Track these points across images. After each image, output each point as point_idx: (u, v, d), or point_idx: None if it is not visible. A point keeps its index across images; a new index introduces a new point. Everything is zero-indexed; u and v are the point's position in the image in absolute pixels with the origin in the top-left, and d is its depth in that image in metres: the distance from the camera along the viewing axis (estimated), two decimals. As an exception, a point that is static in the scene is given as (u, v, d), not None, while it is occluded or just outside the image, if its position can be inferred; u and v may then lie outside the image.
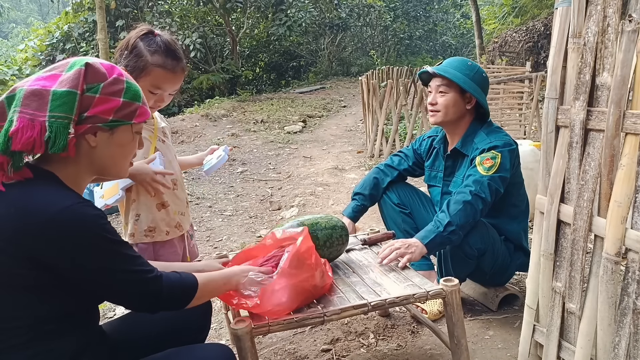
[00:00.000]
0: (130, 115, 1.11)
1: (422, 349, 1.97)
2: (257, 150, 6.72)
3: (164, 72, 1.58)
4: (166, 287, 1.12)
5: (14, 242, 0.97)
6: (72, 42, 11.86)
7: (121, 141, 1.13)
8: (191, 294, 1.19)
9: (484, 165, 1.95)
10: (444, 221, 1.85)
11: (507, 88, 6.65)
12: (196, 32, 12.73)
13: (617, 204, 1.27)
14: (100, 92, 1.06)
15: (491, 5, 15.05)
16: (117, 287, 1.07)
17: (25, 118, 1.00)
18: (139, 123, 1.14)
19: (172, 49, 1.59)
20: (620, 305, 1.30)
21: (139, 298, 1.11)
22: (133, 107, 1.11)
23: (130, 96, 1.11)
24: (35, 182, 1.03)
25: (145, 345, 1.31)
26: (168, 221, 1.74)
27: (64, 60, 1.09)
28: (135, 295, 1.10)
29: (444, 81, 2.08)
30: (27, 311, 1.02)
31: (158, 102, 1.65)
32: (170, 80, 1.61)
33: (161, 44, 1.58)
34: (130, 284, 1.08)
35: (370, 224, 3.30)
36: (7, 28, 28.44)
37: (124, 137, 1.13)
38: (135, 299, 1.11)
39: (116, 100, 1.08)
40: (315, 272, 1.42)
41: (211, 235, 3.69)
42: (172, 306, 1.17)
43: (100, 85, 1.06)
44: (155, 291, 1.11)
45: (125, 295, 1.10)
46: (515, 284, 2.40)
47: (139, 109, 1.13)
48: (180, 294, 1.17)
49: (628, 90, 1.25)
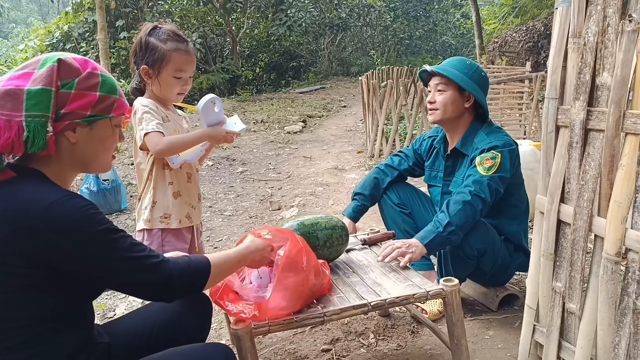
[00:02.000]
0: (108, 108, 1.10)
1: (422, 349, 1.97)
2: (257, 150, 6.72)
3: (180, 55, 1.70)
4: (175, 272, 1.10)
5: (8, 242, 0.97)
6: (72, 42, 11.85)
7: (101, 136, 1.11)
8: (204, 276, 1.17)
9: (484, 165, 1.95)
10: (444, 221, 1.85)
11: (507, 88, 6.65)
12: (196, 32, 12.75)
13: (617, 204, 1.27)
14: (76, 88, 1.05)
15: (491, 5, 15.05)
16: (120, 276, 1.06)
17: (1, 119, 0.99)
18: (117, 116, 1.13)
19: (178, 34, 1.73)
20: (620, 305, 1.30)
21: (148, 286, 1.09)
22: (110, 101, 1.10)
23: (107, 89, 1.09)
24: (21, 181, 1.02)
25: (145, 345, 1.31)
26: (181, 210, 1.81)
27: (35, 57, 1.07)
28: (144, 283, 1.08)
29: (442, 79, 2.09)
30: (24, 311, 1.01)
31: (184, 86, 1.76)
32: (188, 61, 1.73)
33: (168, 32, 1.71)
34: (132, 272, 1.06)
35: (370, 224, 3.30)
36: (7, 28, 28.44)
37: (103, 131, 1.12)
38: (145, 287, 1.10)
39: (92, 94, 1.07)
40: (309, 274, 1.41)
41: (211, 235, 3.69)
42: (187, 290, 1.15)
43: (75, 81, 1.05)
44: (163, 277, 1.08)
45: (133, 285, 1.09)
46: (515, 284, 2.40)
47: (116, 102, 1.12)
48: (192, 277, 1.15)
49: (628, 90, 1.25)
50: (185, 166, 1.82)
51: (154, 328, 1.34)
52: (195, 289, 1.17)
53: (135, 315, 1.41)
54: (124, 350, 1.27)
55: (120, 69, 11.32)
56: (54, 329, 1.06)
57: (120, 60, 11.31)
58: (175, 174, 1.80)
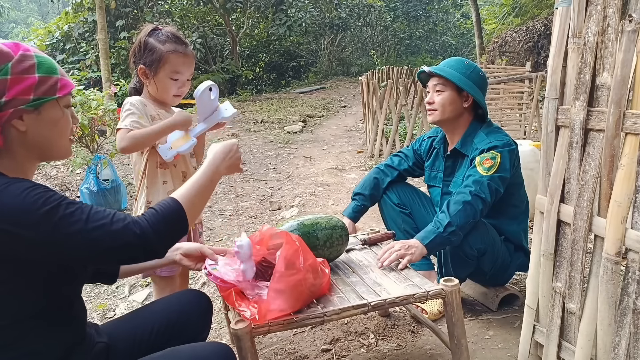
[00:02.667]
0: (52, 89, 1.05)
1: (422, 349, 1.97)
2: (257, 150, 6.72)
3: (177, 56, 1.70)
4: (147, 227, 1.04)
5: None
6: (72, 42, 11.86)
7: (51, 119, 1.06)
8: (180, 217, 1.10)
9: (484, 165, 1.95)
10: (444, 222, 1.85)
11: (507, 88, 6.65)
12: (196, 32, 12.76)
13: (617, 204, 1.27)
14: (11, 73, 0.99)
15: (491, 5, 15.05)
16: (90, 249, 0.99)
17: None
18: (64, 96, 1.08)
19: (178, 36, 1.73)
20: (620, 305, 1.30)
21: (126, 251, 1.02)
22: (52, 81, 1.05)
23: (45, 70, 1.04)
24: None
25: (144, 345, 1.31)
26: None
27: None
28: (120, 249, 1.01)
29: (440, 80, 2.09)
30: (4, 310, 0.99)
31: (181, 87, 1.76)
32: (185, 63, 1.73)
33: (168, 34, 1.72)
34: (101, 242, 0.99)
35: (370, 224, 3.30)
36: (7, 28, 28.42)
37: (53, 114, 1.06)
38: (123, 252, 1.02)
39: (31, 77, 1.02)
40: (306, 273, 1.41)
41: (211, 235, 3.69)
42: (170, 238, 1.09)
43: (8, 66, 1.00)
44: (137, 237, 1.02)
45: (110, 254, 1.02)
46: (515, 284, 2.40)
47: (60, 82, 1.06)
48: (168, 225, 1.08)
49: (628, 90, 1.25)
50: (181, 165, 1.81)
51: (154, 328, 1.34)
52: (178, 233, 1.11)
53: (135, 315, 1.41)
54: (123, 351, 1.27)
55: (120, 69, 11.32)
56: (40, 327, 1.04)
57: (120, 60, 11.31)
58: (170, 173, 1.79)
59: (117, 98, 6.92)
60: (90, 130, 5.10)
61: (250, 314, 1.33)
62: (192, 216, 1.14)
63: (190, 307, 1.42)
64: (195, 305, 1.44)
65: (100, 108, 4.72)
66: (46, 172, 5.41)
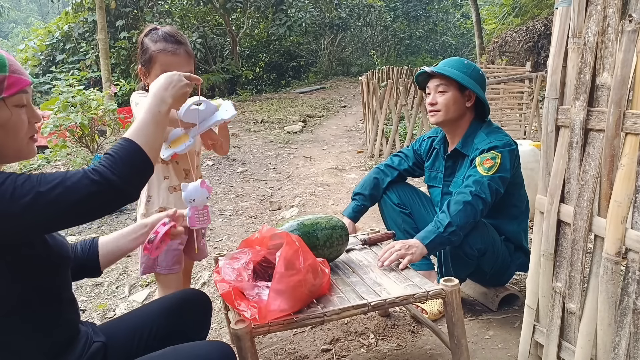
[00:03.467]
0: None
1: (422, 349, 1.97)
2: (257, 150, 6.73)
3: (166, 55, 1.68)
4: (106, 172, 0.99)
5: None
6: (72, 42, 11.87)
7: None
8: (137, 154, 1.05)
9: (484, 165, 1.95)
10: (445, 222, 1.85)
11: (507, 88, 6.65)
12: (196, 32, 12.76)
13: (617, 203, 1.27)
14: None
15: (491, 5, 15.05)
16: (54, 210, 0.94)
17: None
18: (11, 96, 0.98)
19: (172, 35, 1.70)
20: (620, 305, 1.30)
21: (92, 201, 0.97)
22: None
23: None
24: None
25: (143, 345, 1.31)
26: (177, 205, 1.77)
27: None
28: (85, 201, 0.96)
29: (443, 80, 2.08)
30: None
31: None
32: (174, 62, 1.68)
33: (161, 33, 1.71)
34: (63, 200, 0.94)
35: (370, 224, 3.30)
36: (7, 28, 28.44)
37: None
38: (90, 203, 0.97)
39: None
40: (306, 274, 1.41)
41: (211, 235, 3.69)
42: (136, 177, 1.04)
43: None
44: (98, 185, 0.97)
45: (77, 209, 0.96)
46: (515, 284, 2.41)
47: (7, 80, 0.97)
48: (127, 164, 1.02)
49: (628, 90, 1.25)
50: (183, 162, 1.80)
51: (153, 328, 1.34)
52: (143, 170, 1.06)
53: (134, 315, 1.41)
54: (121, 350, 1.27)
55: (120, 69, 11.33)
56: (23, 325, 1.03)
57: (120, 60, 11.31)
58: (173, 169, 1.79)
59: (117, 98, 6.93)
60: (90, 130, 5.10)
61: (250, 314, 1.33)
62: (152, 151, 1.08)
63: (189, 307, 1.42)
64: (194, 304, 1.44)
65: (100, 108, 4.73)
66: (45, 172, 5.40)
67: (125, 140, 1.06)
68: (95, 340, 1.22)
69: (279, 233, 1.49)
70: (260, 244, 1.51)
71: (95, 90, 5.14)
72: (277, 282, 1.35)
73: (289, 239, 1.40)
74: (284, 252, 1.37)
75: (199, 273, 2.94)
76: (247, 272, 1.45)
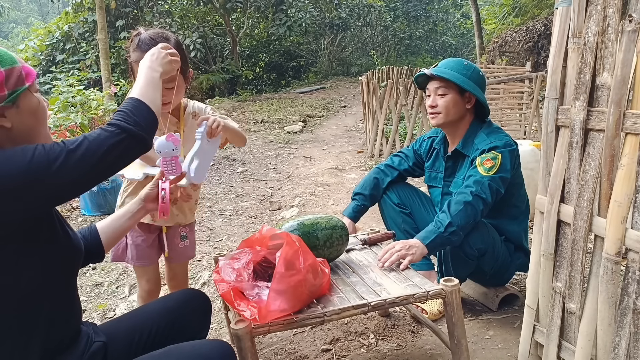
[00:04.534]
0: (20, 79, 1.04)
1: (422, 349, 1.97)
2: (257, 150, 6.73)
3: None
4: (121, 123, 1.08)
5: None
6: (72, 42, 11.86)
7: (30, 108, 1.07)
8: (144, 106, 1.16)
9: (485, 165, 1.95)
10: (445, 222, 1.85)
11: (507, 88, 6.65)
12: (196, 32, 12.75)
13: (617, 204, 1.27)
14: None
15: (491, 5, 15.04)
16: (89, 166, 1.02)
17: None
18: (33, 83, 1.08)
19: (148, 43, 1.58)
20: (620, 305, 1.30)
21: (117, 147, 1.06)
22: (17, 71, 1.04)
23: (8, 62, 1.03)
24: None
25: (143, 344, 1.31)
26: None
27: None
28: (110, 151, 1.05)
29: (443, 82, 2.08)
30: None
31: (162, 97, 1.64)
32: None
33: (139, 41, 1.63)
34: (91, 155, 1.02)
35: (370, 224, 3.30)
36: (7, 28, 28.42)
37: (29, 103, 1.07)
38: (116, 150, 1.06)
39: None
40: (307, 274, 1.41)
41: (211, 235, 3.69)
42: (149, 127, 1.14)
43: None
44: (118, 134, 1.07)
45: (105, 160, 1.05)
46: (515, 284, 2.41)
47: (23, 70, 1.06)
48: (140, 115, 1.13)
49: (628, 90, 1.25)
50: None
51: (153, 328, 1.34)
52: (151, 120, 1.16)
53: (134, 315, 1.41)
54: (121, 350, 1.27)
55: (120, 69, 11.32)
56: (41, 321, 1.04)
57: (120, 60, 11.30)
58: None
59: (117, 98, 6.92)
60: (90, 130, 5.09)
61: (250, 314, 1.33)
62: (154, 107, 1.18)
63: (189, 307, 1.42)
64: (194, 304, 1.44)
65: (100, 108, 4.72)
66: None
67: (131, 99, 1.17)
68: (95, 340, 1.22)
69: (279, 233, 1.49)
70: (260, 244, 1.51)
71: (95, 90, 5.13)
72: (277, 282, 1.35)
73: (289, 239, 1.40)
74: (284, 252, 1.37)
75: (199, 273, 2.94)
76: (247, 272, 1.45)
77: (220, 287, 1.41)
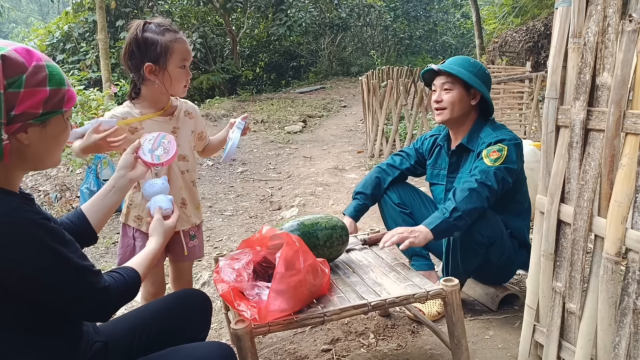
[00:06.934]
0: (60, 103, 1.01)
1: (422, 349, 1.97)
2: (257, 150, 6.72)
3: (181, 44, 1.68)
4: (115, 295, 1.10)
5: None
6: (72, 42, 11.86)
7: (54, 132, 1.03)
8: (137, 287, 1.19)
9: (491, 157, 1.95)
10: (450, 207, 1.86)
11: (507, 88, 6.65)
12: (196, 32, 12.75)
13: (617, 203, 1.27)
14: (25, 86, 0.94)
15: (491, 5, 15.04)
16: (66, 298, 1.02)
17: None
18: (69, 110, 1.05)
19: (170, 25, 1.70)
20: (620, 305, 1.30)
21: (90, 309, 1.08)
22: (61, 94, 1.01)
23: (56, 82, 1.00)
24: None
25: (143, 345, 1.31)
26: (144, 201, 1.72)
27: None
28: (85, 307, 1.06)
29: (449, 78, 2.09)
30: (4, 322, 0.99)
31: (187, 76, 1.74)
32: (187, 49, 1.71)
33: (162, 24, 1.68)
34: (79, 298, 1.03)
35: (370, 224, 3.30)
36: (7, 28, 28.40)
37: (57, 128, 1.03)
38: (88, 309, 1.08)
39: (43, 90, 0.97)
40: (307, 274, 1.41)
41: (211, 235, 3.69)
42: (122, 304, 1.16)
43: (23, 78, 0.94)
44: (107, 302, 1.09)
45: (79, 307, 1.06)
46: (515, 284, 2.41)
47: (67, 94, 1.03)
48: (128, 294, 1.17)
49: (628, 90, 1.25)
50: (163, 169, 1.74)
51: (153, 328, 1.34)
52: (131, 299, 1.19)
53: (134, 315, 1.41)
54: (122, 350, 1.27)
55: (120, 69, 11.29)
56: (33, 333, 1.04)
57: (120, 60, 11.30)
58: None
59: (117, 98, 6.92)
60: (90, 130, 5.07)
61: (250, 314, 1.33)
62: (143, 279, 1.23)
63: (189, 307, 1.42)
64: (194, 304, 1.44)
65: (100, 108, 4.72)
66: (46, 172, 5.40)
67: (135, 273, 1.19)
68: (96, 340, 1.22)
69: (279, 233, 1.49)
70: (260, 244, 1.51)
71: (96, 90, 5.14)
72: (277, 282, 1.35)
73: (289, 239, 1.40)
74: (284, 252, 1.37)
75: (199, 273, 2.94)
76: (247, 272, 1.45)
77: (220, 287, 1.41)
